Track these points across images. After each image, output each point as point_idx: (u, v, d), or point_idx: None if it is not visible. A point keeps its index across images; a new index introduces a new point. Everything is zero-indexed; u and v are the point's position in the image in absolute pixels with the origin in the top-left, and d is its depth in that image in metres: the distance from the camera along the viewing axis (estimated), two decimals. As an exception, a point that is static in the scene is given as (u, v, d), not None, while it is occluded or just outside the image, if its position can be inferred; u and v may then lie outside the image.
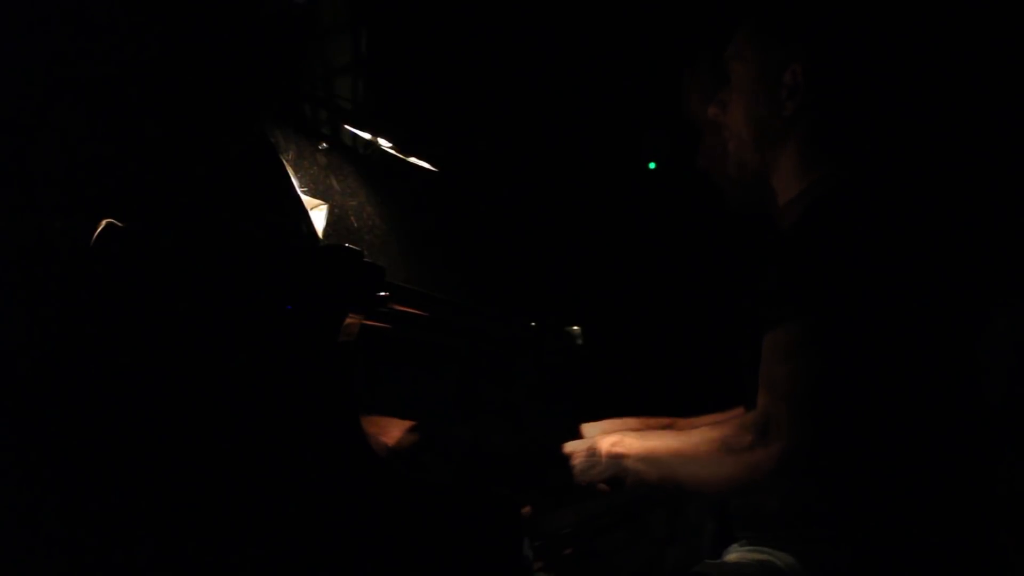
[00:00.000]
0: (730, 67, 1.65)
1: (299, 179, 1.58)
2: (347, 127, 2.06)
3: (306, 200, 1.57)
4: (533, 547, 1.44)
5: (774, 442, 1.36)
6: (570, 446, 1.69)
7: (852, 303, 1.38)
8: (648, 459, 1.55)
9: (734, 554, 1.58)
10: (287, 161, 1.58)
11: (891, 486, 1.41)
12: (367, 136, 1.98)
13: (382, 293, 1.49)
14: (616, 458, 1.59)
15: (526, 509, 1.45)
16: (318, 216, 1.63)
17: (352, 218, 1.74)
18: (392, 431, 1.57)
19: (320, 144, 1.77)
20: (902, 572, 1.40)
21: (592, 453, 1.62)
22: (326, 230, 1.62)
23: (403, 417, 1.61)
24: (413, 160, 2.04)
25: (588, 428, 1.97)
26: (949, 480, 1.43)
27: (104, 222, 1.44)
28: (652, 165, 3.01)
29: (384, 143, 1.98)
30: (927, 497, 1.41)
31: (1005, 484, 1.53)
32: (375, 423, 1.50)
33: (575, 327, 2.19)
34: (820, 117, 1.57)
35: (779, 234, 1.59)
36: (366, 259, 1.45)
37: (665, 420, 1.95)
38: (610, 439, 1.62)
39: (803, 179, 1.59)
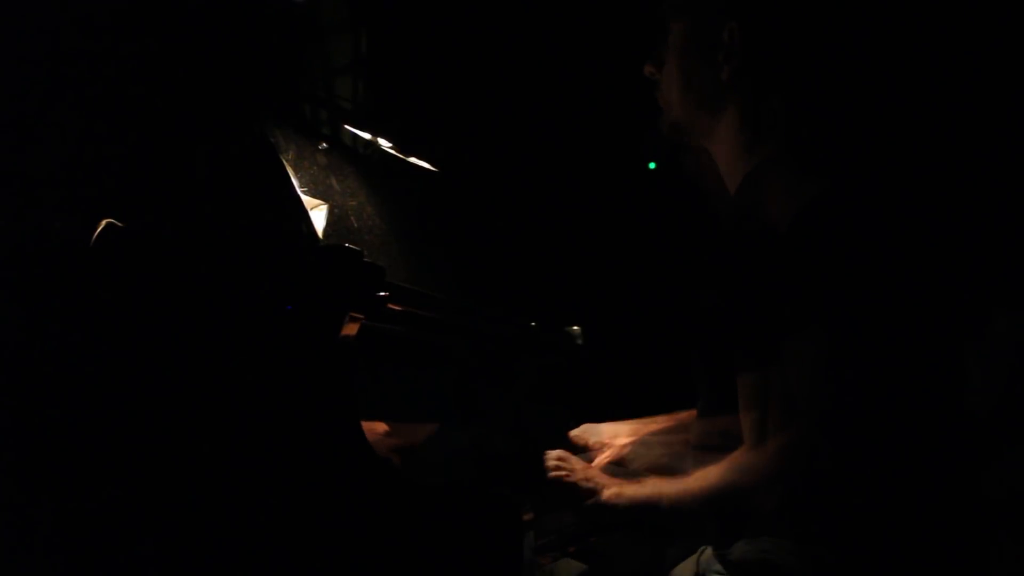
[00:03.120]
0: (668, 24, 1.57)
1: (299, 179, 1.58)
2: (347, 127, 2.06)
3: (306, 200, 1.57)
4: (533, 547, 1.44)
5: (780, 446, 1.36)
6: (567, 480, 1.63)
7: (858, 310, 1.36)
8: (661, 499, 1.53)
9: (735, 552, 1.58)
10: (287, 161, 1.58)
11: (889, 486, 1.40)
12: (367, 136, 1.98)
13: (382, 293, 1.49)
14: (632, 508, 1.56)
15: (526, 509, 1.45)
16: (318, 216, 1.62)
17: (352, 218, 1.74)
18: (392, 431, 1.57)
19: (320, 144, 1.77)
20: (899, 571, 1.40)
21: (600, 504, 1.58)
22: (326, 230, 1.62)
23: (403, 417, 1.61)
24: (413, 160, 2.04)
25: (589, 429, 1.97)
26: (945, 480, 1.42)
27: (104, 222, 1.44)
28: (652, 165, 3.01)
29: (384, 143, 1.98)
30: (923, 496, 1.41)
31: (1004, 484, 1.52)
32: (375, 423, 1.50)
33: (575, 327, 2.19)
34: (759, 85, 1.48)
35: (729, 212, 1.53)
36: (366, 259, 1.45)
37: (664, 420, 1.94)
38: (611, 492, 1.58)
39: (747, 156, 1.51)
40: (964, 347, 1.51)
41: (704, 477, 1.49)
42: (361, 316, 1.44)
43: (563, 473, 1.58)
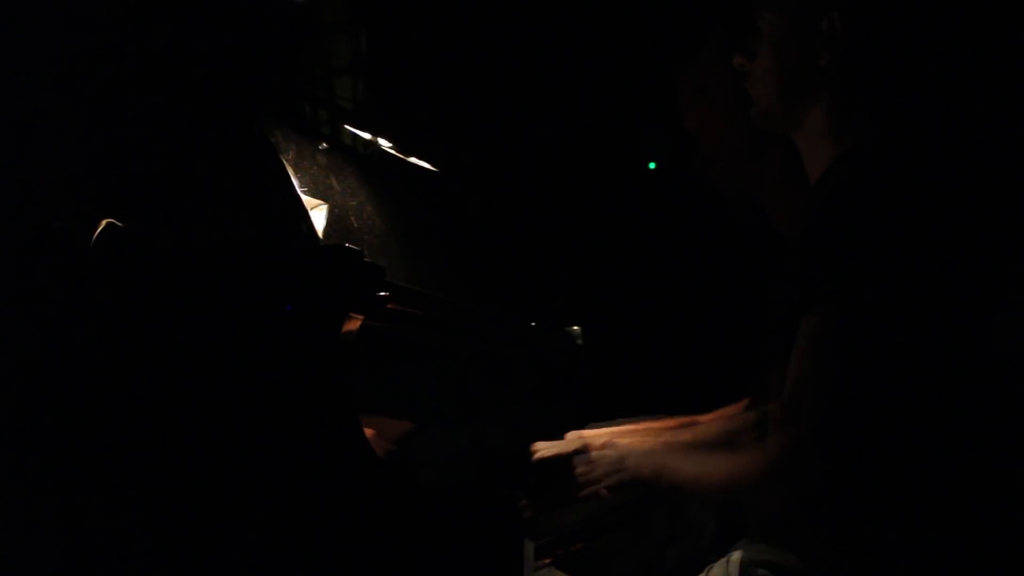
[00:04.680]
0: (760, 15, 1.61)
1: (299, 179, 1.58)
2: (347, 127, 2.06)
3: (306, 200, 1.57)
4: (534, 547, 1.44)
5: (786, 436, 1.36)
6: (554, 449, 1.69)
7: (880, 295, 1.35)
8: (648, 458, 1.55)
9: (737, 553, 1.58)
10: (287, 161, 1.58)
11: (899, 484, 1.39)
12: (367, 136, 1.98)
13: (382, 293, 1.49)
14: (615, 460, 1.59)
15: (526, 508, 1.45)
16: (318, 216, 1.63)
17: (352, 218, 1.74)
18: (392, 431, 1.57)
19: (320, 144, 1.77)
20: (908, 571, 1.39)
21: (587, 458, 1.62)
22: (326, 230, 1.62)
23: (403, 417, 1.61)
24: (413, 160, 2.04)
25: (589, 437, 1.97)
26: (960, 478, 1.41)
27: (104, 222, 1.44)
28: (652, 165, 3.01)
29: (384, 143, 1.98)
30: (935, 496, 1.40)
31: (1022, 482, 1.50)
32: (375, 423, 1.50)
33: (575, 327, 2.19)
34: (856, 73, 1.51)
35: (808, 202, 1.54)
36: (366, 259, 1.45)
37: (669, 422, 1.94)
38: (601, 440, 1.62)
39: (833, 147, 1.52)
40: (989, 340, 1.49)
41: (706, 457, 1.50)
42: (361, 316, 1.44)
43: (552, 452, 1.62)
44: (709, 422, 1.80)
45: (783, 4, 1.56)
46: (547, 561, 1.67)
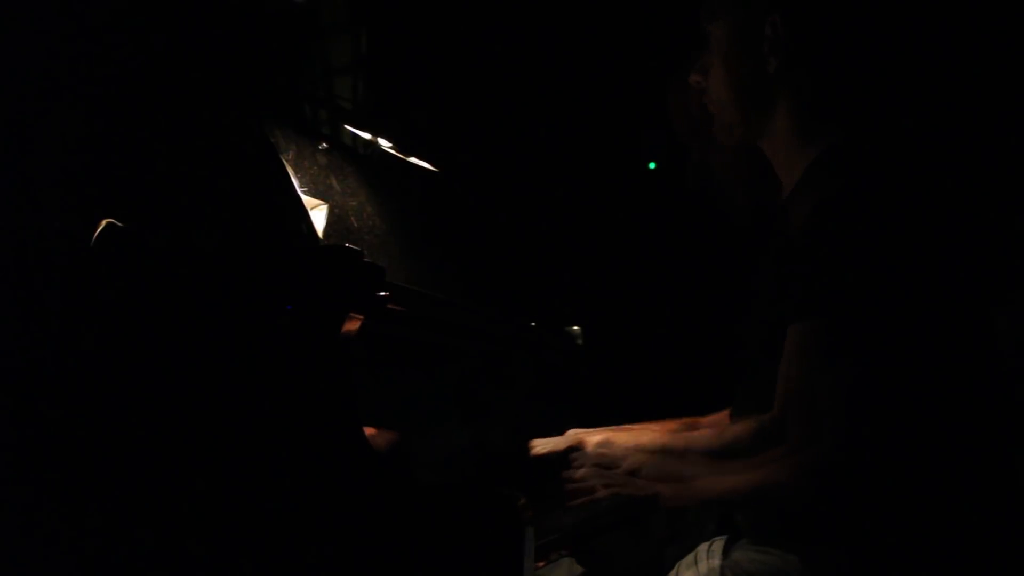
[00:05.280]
0: (708, 31, 1.60)
1: (299, 179, 1.58)
2: (347, 127, 2.06)
3: (306, 200, 1.57)
4: (533, 547, 1.44)
5: (803, 448, 1.35)
6: (550, 445, 1.70)
7: (880, 301, 1.35)
8: (655, 469, 1.55)
9: (738, 553, 1.58)
10: (287, 161, 1.58)
11: (902, 486, 1.39)
12: (367, 136, 1.98)
13: (382, 293, 1.49)
14: (618, 470, 1.59)
15: (526, 508, 1.45)
16: (318, 216, 1.63)
17: (352, 218, 1.74)
18: (392, 431, 1.57)
19: (320, 144, 1.77)
20: (909, 572, 1.39)
21: (585, 456, 1.63)
22: (326, 230, 1.62)
23: (403, 417, 1.61)
24: (413, 160, 2.04)
25: (584, 434, 1.97)
26: (962, 479, 1.41)
27: (104, 222, 1.44)
28: (652, 165, 3.01)
29: (384, 143, 1.98)
30: (938, 497, 1.40)
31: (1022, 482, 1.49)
32: (375, 423, 1.50)
33: (575, 327, 2.19)
34: (809, 74, 1.50)
35: (791, 222, 1.53)
36: (366, 259, 1.45)
37: (667, 424, 1.94)
38: (597, 438, 1.63)
39: (805, 151, 1.52)
40: (987, 340, 1.49)
41: (719, 464, 1.51)
42: (361, 316, 1.44)
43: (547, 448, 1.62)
44: (703, 432, 1.79)
45: (727, 14, 1.56)
46: (542, 564, 1.67)
